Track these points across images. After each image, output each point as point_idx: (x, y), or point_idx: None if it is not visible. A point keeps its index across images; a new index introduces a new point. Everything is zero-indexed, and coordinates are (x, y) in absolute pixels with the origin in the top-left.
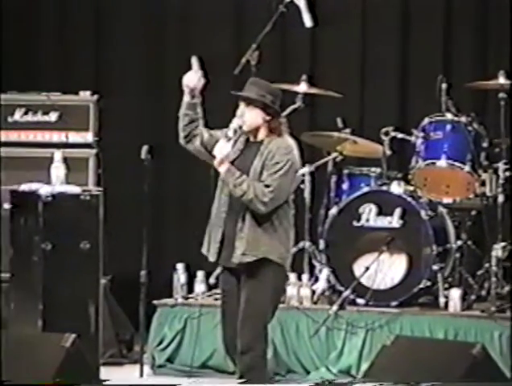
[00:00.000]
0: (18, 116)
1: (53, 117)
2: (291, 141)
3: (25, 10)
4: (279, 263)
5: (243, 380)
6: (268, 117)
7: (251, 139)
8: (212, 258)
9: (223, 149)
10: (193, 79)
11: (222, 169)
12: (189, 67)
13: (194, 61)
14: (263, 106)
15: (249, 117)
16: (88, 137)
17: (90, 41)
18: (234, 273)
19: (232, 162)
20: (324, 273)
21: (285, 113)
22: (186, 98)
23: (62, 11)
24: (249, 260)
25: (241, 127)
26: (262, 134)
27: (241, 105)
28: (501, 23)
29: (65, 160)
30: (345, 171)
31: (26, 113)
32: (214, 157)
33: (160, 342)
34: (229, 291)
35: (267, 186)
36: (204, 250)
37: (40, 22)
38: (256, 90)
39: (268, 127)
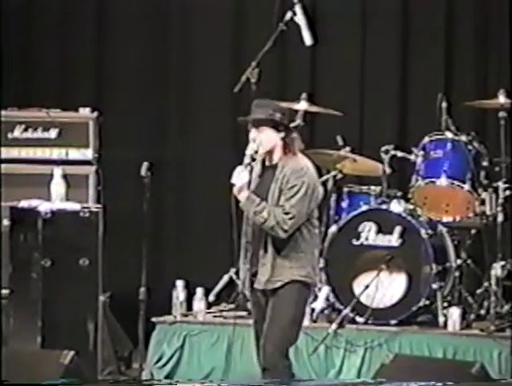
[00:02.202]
0: (18, 132)
1: (53, 133)
2: (305, 161)
3: (25, 26)
4: (306, 281)
5: None
6: (281, 134)
7: (267, 163)
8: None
9: (242, 176)
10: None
11: (242, 196)
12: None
13: None
14: (273, 125)
15: (262, 139)
16: (88, 153)
17: (90, 58)
18: (262, 291)
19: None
20: (324, 292)
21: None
22: None
23: (62, 27)
24: (275, 286)
25: (256, 152)
26: (277, 155)
27: (252, 130)
28: (502, 42)
29: (65, 177)
30: (345, 189)
31: (26, 130)
32: None
33: (159, 360)
34: (257, 306)
35: (287, 213)
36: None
37: (40, 39)
38: (263, 110)
39: (283, 145)
